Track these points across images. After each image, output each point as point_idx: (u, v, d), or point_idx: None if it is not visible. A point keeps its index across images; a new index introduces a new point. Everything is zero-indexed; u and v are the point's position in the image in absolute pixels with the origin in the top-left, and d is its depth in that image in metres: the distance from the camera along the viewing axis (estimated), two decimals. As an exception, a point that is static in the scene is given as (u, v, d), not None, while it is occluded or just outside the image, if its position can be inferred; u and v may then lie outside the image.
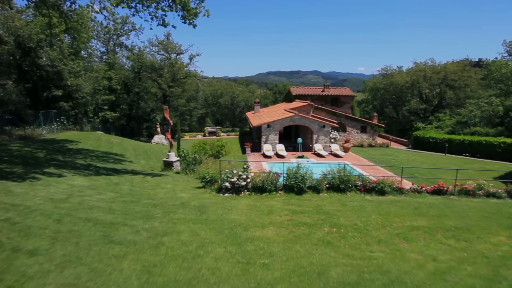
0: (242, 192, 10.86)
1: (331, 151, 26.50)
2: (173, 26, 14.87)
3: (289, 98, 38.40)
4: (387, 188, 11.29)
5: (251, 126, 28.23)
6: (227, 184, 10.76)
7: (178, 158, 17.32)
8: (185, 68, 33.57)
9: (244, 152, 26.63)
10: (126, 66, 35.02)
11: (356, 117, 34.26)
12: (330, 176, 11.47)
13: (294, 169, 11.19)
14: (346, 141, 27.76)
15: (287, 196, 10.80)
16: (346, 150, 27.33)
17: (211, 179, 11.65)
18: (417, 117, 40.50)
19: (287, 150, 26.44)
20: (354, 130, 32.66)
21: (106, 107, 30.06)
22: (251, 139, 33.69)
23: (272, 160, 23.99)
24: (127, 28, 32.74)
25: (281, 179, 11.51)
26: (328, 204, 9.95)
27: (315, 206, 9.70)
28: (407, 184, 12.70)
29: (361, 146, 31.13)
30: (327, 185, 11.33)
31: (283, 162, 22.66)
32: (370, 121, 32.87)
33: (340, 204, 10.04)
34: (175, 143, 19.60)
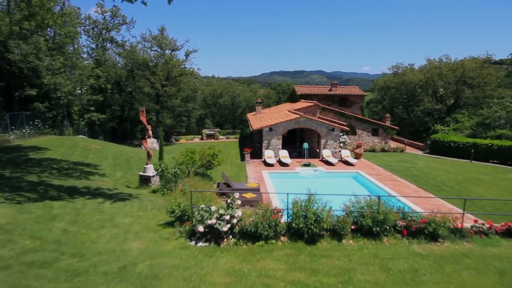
0: (225, 240, 6.87)
1: (341, 157, 22.42)
2: (143, 3, 10.95)
3: (293, 98, 34.29)
4: (441, 230, 7.21)
5: (251, 129, 24.25)
6: (200, 228, 6.78)
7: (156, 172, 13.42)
8: (181, 65, 29.52)
9: (243, 159, 22.66)
10: (119, 64, 31.14)
11: (367, 118, 30.05)
12: (356, 211, 7.40)
13: (303, 203, 7.14)
14: (358, 146, 23.62)
15: (293, 246, 6.77)
16: (358, 156, 23.21)
17: (182, 214, 7.70)
18: (431, 118, 36.08)
19: (291, 156, 22.41)
20: (365, 133, 28.48)
21: (93, 108, 26.25)
22: (252, 142, 29.70)
23: (274, 169, 20.02)
24: (117, 21, 28.95)
25: (284, 216, 7.48)
26: (359, 267, 5.92)
27: (340, 272, 5.69)
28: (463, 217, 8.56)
29: (373, 151, 26.95)
30: (353, 227, 7.29)
31: (286, 176, 18.66)
32: (383, 123, 28.65)
33: (378, 266, 6.00)
34: (155, 153, 15.69)
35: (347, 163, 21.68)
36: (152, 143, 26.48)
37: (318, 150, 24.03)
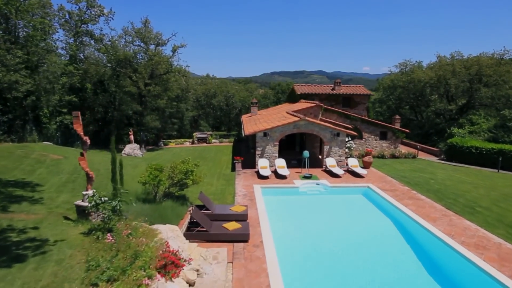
0: None
1: (348, 167, 18.08)
2: None
3: (293, 98, 29.90)
4: None
5: (244, 134, 19.90)
6: None
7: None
8: (168, 61, 24.94)
9: (233, 169, 18.36)
10: (103, 61, 26.74)
11: (374, 120, 25.59)
12: None
13: None
14: (367, 154, 19.21)
15: None
16: (367, 165, 18.85)
17: None
18: (443, 119, 31.44)
19: (289, 165, 18.12)
20: (372, 136, 24.13)
21: (65, 110, 22.01)
22: (248, 147, 25.38)
23: (268, 183, 15.71)
24: (94, 13, 24.60)
25: None
26: None
27: None
28: None
29: (382, 157, 22.52)
30: None
31: (283, 192, 13.43)
32: (392, 126, 24.24)
33: None
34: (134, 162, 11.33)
35: (354, 173, 17.36)
36: (133, 149, 22.20)
37: (320, 156, 19.75)
